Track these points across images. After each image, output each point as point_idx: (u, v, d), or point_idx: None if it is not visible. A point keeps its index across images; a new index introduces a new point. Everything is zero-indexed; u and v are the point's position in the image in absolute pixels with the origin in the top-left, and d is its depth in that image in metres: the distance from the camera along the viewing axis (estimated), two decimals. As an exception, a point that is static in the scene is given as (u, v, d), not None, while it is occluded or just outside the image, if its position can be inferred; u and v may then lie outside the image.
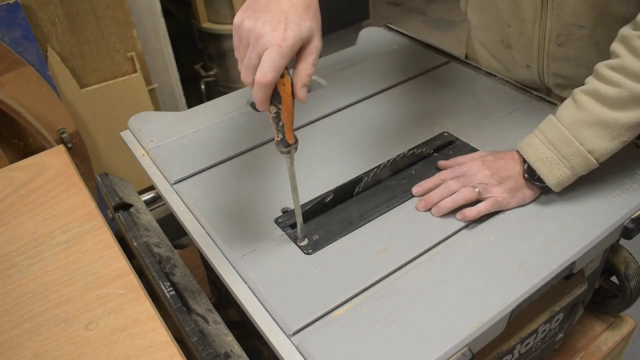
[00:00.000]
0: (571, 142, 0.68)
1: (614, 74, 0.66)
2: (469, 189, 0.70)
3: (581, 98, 0.68)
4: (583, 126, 0.68)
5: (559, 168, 0.69)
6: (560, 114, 0.70)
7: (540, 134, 0.71)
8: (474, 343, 0.57)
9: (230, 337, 0.64)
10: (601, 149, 0.68)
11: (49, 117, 1.58)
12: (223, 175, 0.79)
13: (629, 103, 0.65)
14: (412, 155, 0.80)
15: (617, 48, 0.67)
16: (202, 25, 2.22)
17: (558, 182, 0.70)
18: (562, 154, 0.69)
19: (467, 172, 0.72)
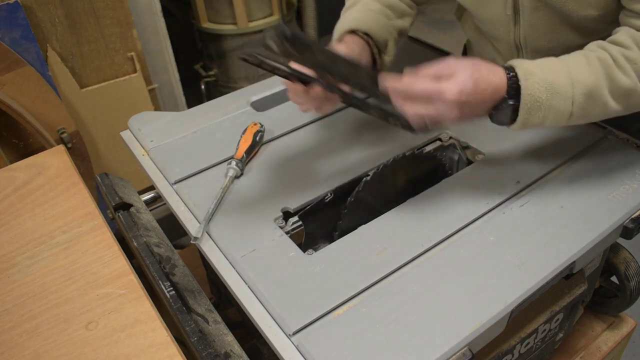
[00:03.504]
0: (568, 99, 0.65)
1: (626, 63, 0.66)
2: (420, 121, 0.65)
3: (594, 63, 0.66)
4: (584, 91, 0.65)
5: (537, 114, 0.65)
6: (574, 66, 0.66)
7: (546, 71, 0.65)
8: (474, 343, 0.57)
9: (230, 337, 0.64)
10: (576, 120, 0.67)
11: (49, 117, 1.58)
12: (223, 175, 0.79)
13: (624, 96, 0.66)
14: (412, 155, 0.80)
15: (626, 39, 0.67)
16: (202, 25, 2.22)
17: (523, 126, 0.66)
18: (552, 103, 0.65)
19: (439, 104, 0.63)
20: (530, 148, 0.81)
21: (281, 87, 1.01)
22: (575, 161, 0.78)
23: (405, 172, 0.80)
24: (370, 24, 0.82)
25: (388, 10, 0.88)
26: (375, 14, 0.85)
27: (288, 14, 2.26)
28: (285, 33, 0.63)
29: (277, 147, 0.86)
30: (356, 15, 0.84)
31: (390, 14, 0.88)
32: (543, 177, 0.76)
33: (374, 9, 0.86)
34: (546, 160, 0.78)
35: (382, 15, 0.86)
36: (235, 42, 2.21)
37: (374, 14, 0.85)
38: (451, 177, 0.78)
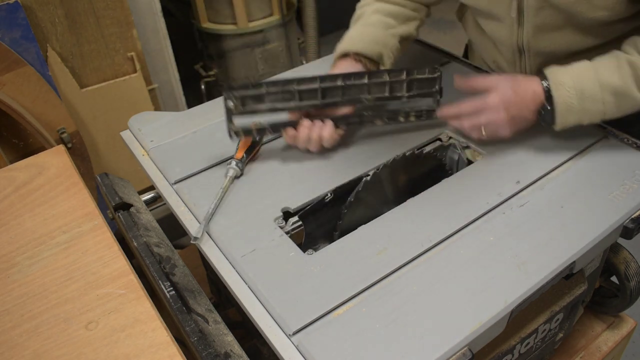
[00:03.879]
0: (599, 101, 0.72)
1: None
2: (478, 131, 0.78)
3: (624, 65, 0.72)
4: (613, 91, 0.72)
5: (573, 116, 0.74)
6: (601, 70, 0.73)
7: (575, 79, 0.73)
8: (474, 343, 0.57)
9: (230, 337, 0.64)
10: (611, 114, 0.74)
11: (49, 117, 1.58)
12: (223, 175, 0.79)
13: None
14: (412, 155, 0.80)
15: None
16: (202, 25, 2.21)
17: (564, 126, 0.75)
18: (584, 106, 0.73)
19: (487, 111, 0.76)
20: (530, 148, 0.81)
21: (281, 87, 1.01)
22: (575, 161, 0.78)
23: (405, 172, 0.80)
24: (362, 43, 0.85)
25: (389, 19, 0.90)
26: (372, 29, 0.88)
27: (288, 14, 2.26)
28: (231, 86, 0.75)
29: (278, 147, 0.86)
30: (351, 34, 0.88)
31: (391, 22, 0.90)
32: (543, 177, 0.76)
33: (372, 23, 0.89)
34: (546, 160, 0.78)
35: (380, 28, 0.88)
36: (235, 42, 2.21)
37: (370, 29, 0.87)
38: (451, 177, 0.78)
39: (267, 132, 0.78)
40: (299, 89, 0.78)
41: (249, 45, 2.22)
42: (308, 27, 2.31)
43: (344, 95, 0.79)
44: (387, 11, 0.90)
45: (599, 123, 0.84)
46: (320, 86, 0.78)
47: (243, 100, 0.76)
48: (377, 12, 0.90)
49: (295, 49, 2.40)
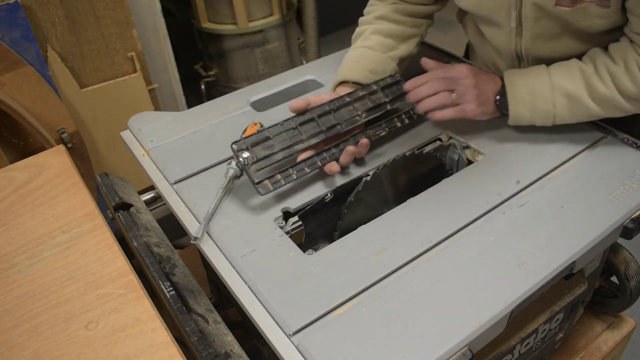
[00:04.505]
0: (548, 101, 0.78)
1: (607, 76, 0.74)
2: (447, 94, 0.80)
3: (575, 73, 0.77)
4: (564, 94, 0.77)
5: (524, 111, 0.79)
6: (554, 73, 0.78)
7: (528, 77, 0.79)
8: (474, 343, 0.57)
9: (230, 337, 0.64)
10: (564, 118, 0.79)
11: (49, 117, 1.58)
12: (223, 175, 0.79)
13: (605, 101, 0.76)
14: (412, 155, 0.80)
15: (617, 56, 0.75)
16: (202, 25, 2.21)
17: (516, 120, 0.81)
18: (534, 104, 0.78)
19: (456, 76, 0.81)
20: (530, 148, 0.81)
21: (281, 87, 1.01)
22: (575, 161, 0.78)
23: (405, 172, 0.80)
24: (360, 73, 0.87)
25: (389, 40, 0.91)
26: (370, 54, 0.89)
27: (288, 14, 2.26)
28: (235, 141, 0.75)
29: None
30: (350, 62, 0.89)
31: (391, 43, 0.91)
32: (543, 177, 0.76)
33: (371, 45, 0.90)
34: (546, 160, 0.78)
35: (379, 51, 0.90)
36: (235, 42, 2.21)
37: (369, 54, 0.89)
38: (451, 177, 0.78)
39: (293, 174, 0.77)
40: (299, 122, 0.79)
41: (249, 45, 2.22)
42: (308, 27, 2.31)
43: (337, 119, 0.81)
44: (386, 32, 0.91)
45: (598, 123, 0.84)
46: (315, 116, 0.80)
47: (253, 146, 0.75)
48: (376, 32, 0.91)
49: (295, 49, 2.40)
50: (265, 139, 0.77)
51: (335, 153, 0.79)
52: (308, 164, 0.77)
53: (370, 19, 0.93)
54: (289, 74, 1.05)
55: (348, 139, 0.81)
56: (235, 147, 0.75)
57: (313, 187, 0.77)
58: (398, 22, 0.92)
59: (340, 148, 0.79)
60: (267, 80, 1.03)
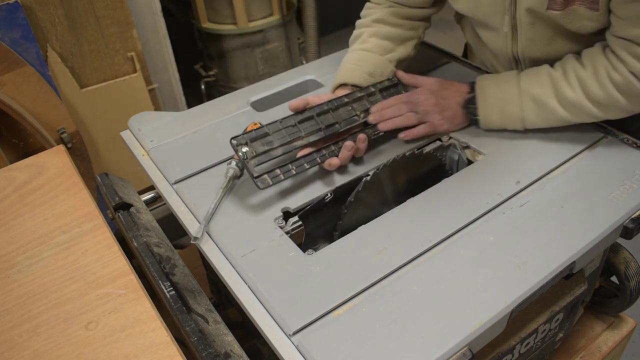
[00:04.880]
0: (517, 105, 0.80)
1: (576, 81, 0.76)
2: (412, 115, 0.84)
3: (544, 77, 0.79)
4: (532, 98, 0.79)
5: (493, 115, 0.82)
6: (523, 78, 0.80)
7: (497, 82, 0.82)
8: (474, 343, 0.57)
9: (230, 337, 0.64)
10: (533, 122, 0.81)
11: (49, 117, 1.58)
12: (223, 175, 0.79)
13: (572, 106, 0.77)
14: (412, 155, 0.80)
15: (587, 62, 0.76)
16: (202, 25, 2.21)
17: (486, 124, 0.83)
18: (504, 108, 0.81)
19: (417, 100, 0.84)
20: (530, 148, 0.81)
21: (281, 87, 1.01)
22: (575, 161, 0.78)
23: (405, 172, 0.80)
24: (359, 76, 0.88)
25: (386, 42, 0.92)
26: (368, 56, 0.90)
27: (288, 14, 2.26)
28: (235, 136, 0.75)
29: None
30: (348, 65, 0.90)
31: (389, 45, 0.92)
32: (543, 177, 0.76)
33: (369, 48, 0.91)
34: (546, 160, 0.78)
35: (377, 54, 0.90)
36: (235, 42, 2.21)
37: (367, 57, 0.90)
38: (451, 177, 0.78)
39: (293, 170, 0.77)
40: (298, 120, 0.80)
41: (249, 45, 2.22)
42: (308, 27, 2.31)
43: (336, 118, 0.82)
44: (384, 34, 0.91)
45: (598, 123, 0.84)
46: (314, 114, 0.81)
47: (253, 141, 0.76)
48: (374, 35, 0.92)
49: (295, 49, 2.40)
50: (264, 135, 0.77)
51: (335, 150, 0.79)
52: (307, 160, 0.77)
53: (367, 21, 0.93)
54: (289, 74, 1.05)
55: (347, 138, 0.81)
56: (235, 142, 0.75)
57: (313, 187, 0.77)
58: (395, 24, 0.92)
59: (339, 146, 0.79)
60: (267, 80, 1.03)
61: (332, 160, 0.77)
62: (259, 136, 0.77)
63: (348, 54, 0.92)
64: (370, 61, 0.89)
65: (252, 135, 0.76)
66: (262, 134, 0.77)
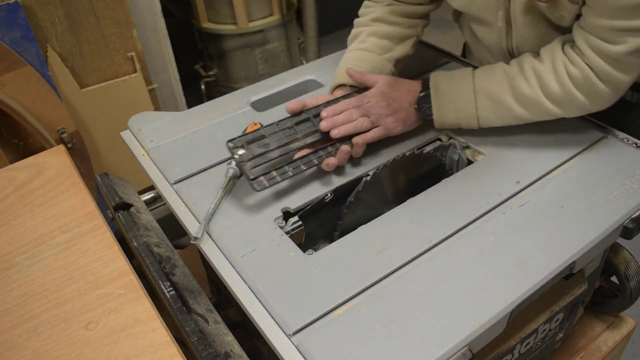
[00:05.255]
0: (471, 102, 0.79)
1: (533, 76, 0.75)
2: (365, 119, 0.80)
3: (499, 74, 0.78)
4: (487, 96, 0.78)
5: (448, 113, 0.81)
6: (477, 75, 0.80)
7: (451, 79, 0.81)
8: (474, 343, 0.57)
9: (230, 337, 0.64)
10: (488, 120, 0.80)
11: (49, 117, 1.58)
12: (223, 175, 0.79)
13: (529, 103, 0.76)
14: (412, 155, 0.80)
15: (545, 56, 0.75)
16: (202, 25, 2.21)
17: (441, 122, 0.82)
18: (458, 105, 0.80)
19: (368, 104, 0.82)
20: (530, 148, 0.81)
21: (281, 87, 1.01)
22: (575, 161, 0.78)
23: (405, 172, 0.80)
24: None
25: (385, 42, 0.91)
26: (367, 55, 0.90)
27: (288, 14, 2.26)
28: (231, 139, 0.76)
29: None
30: (347, 65, 0.89)
31: (387, 45, 0.91)
32: (543, 177, 0.76)
33: (368, 48, 0.90)
34: (546, 160, 0.78)
35: (375, 53, 0.90)
36: (235, 42, 2.21)
37: (365, 56, 0.90)
38: (451, 177, 0.78)
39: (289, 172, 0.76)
40: (295, 121, 0.80)
41: (249, 45, 2.22)
42: (308, 27, 2.31)
43: None
44: (382, 33, 0.91)
45: (598, 123, 0.84)
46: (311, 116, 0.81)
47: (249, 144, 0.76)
48: (372, 34, 0.91)
49: (295, 49, 2.40)
50: (261, 137, 0.77)
51: (332, 152, 0.79)
52: (304, 161, 0.77)
53: (366, 20, 0.93)
54: (289, 74, 1.05)
55: (344, 139, 0.81)
56: (231, 145, 0.75)
57: (313, 187, 0.77)
58: (394, 23, 0.92)
59: (336, 147, 0.79)
60: (267, 80, 1.03)
61: (330, 160, 0.77)
62: (256, 138, 0.77)
63: (346, 54, 0.92)
64: (369, 61, 0.89)
65: (248, 138, 0.76)
66: (258, 136, 0.77)
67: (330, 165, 0.77)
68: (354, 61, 0.89)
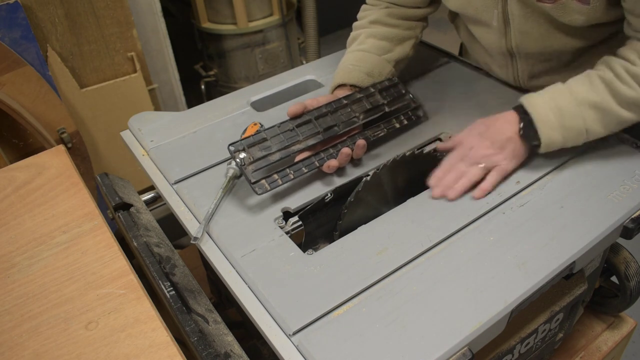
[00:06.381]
0: (577, 116, 0.72)
1: (630, 78, 0.70)
2: (476, 167, 0.74)
3: (596, 82, 0.72)
4: (591, 106, 0.72)
5: (555, 133, 0.73)
6: (574, 87, 0.73)
7: (548, 97, 0.73)
8: (474, 343, 0.57)
9: (230, 337, 0.64)
10: (595, 132, 0.73)
11: (49, 117, 1.58)
12: (223, 175, 0.79)
13: (635, 106, 0.71)
14: (412, 155, 0.80)
15: (632, 56, 0.72)
16: (202, 25, 2.22)
17: (549, 144, 0.74)
18: (564, 122, 0.72)
19: (471, 150, 0.76)
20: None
21: (281, 87, 1.01)
22: (575, 161, 0.78)
23: (405, 172, 0.80)
24: (357, 76, 0.88)
25: (384, 43, 0.91)
26: (367, 56, 0.89)
27: (288, 14, 2.26)
28: (232, 142, 0.75)
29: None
30: (346, 65, 0.89)
31: (386, 46, 0.91)
32: (543, 177, 0.76)
33: (367, 49, 0.90)
34: (546, 160, 0.78)
35: (375, 54, 0.90)
36: (235, 42, 2.21)
37: (365, 57, 0.89)
38: (451, 177, 0.77)
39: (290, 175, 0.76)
40: (296, 123, 0.80)
41: (249, 45, 2.22)
42: (308, 27, 2.31)
43: (335, 120, 0.82)
44: (381, 35, 0.91)
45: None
46: (312, 117, 0.81)
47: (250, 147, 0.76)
48: (371, 36, 0.91)
49: (295, 49, 2.40)
50: (262, 140, 0.77)
51: (333, 154, 0.79)
52: (305, 164, 0.77)
53: (364, 23, 0.93)
54: (289, 74, 1.05)
55: (346, 140, 0.81)
56: (232, 149, 0.75)
57: (313, 187, 0.77)
58: (392, 25, 0.92)
59: (337, 149, 0.79)
60: (267, 80, 1.03)
61: (331, 162, 0.77)
62: (257, 141, 0.77)
63: (346, 55, 0.92)
64: (368, 61, 0.89)
65: (249, 141, 0.76)
66: (259, 139, 0.77)
67: (332, 167, 0.77)
68: (354, 61, 0.89)
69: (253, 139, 0.77)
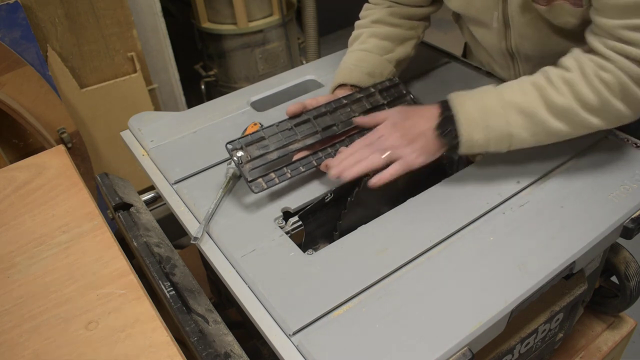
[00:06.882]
0: (502, 116, 0.70)
1: (563, 86, 0.68)
2: (377, 156, 0.73)
3: (528, 87, 0.70)
4: (518, 110, 0.69)
5: (477, 133, 0.70)
6: (504, 90, 0.71)
7: (477, 96, 0.72)
8: (474, 343, 0.57)
9: (230, 337, 0.64)
10: (520, 138, 0.71)
11: (49, 117, 1.58)
12: (223, 175, 0.79)
13: (563, 115, 0.68)
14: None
15: (570, 64, 0.69)
16: (202, 25, 2.21)
17: (469, 146, 0.71)
18: (488, 123, 0.70)
19: (380, 138, 0.75)
20: (530, 148, 0.80)
21: (281, 87, 1.01)
22: (575, 161, 0.78)
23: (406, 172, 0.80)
24: (358, 76, 0.87)
25: (386, 43, 0.91)
26: (368, 56, 0.89)
27: (288, 14, 2.26)
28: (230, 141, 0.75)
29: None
30: (347, 64, 0.89)
31: (388, 46, 0.91)
32: (543, 177, 0.76)
33: (369, 48, 0.90)
34: (546, 160, 0.78)
35: (376, 54, 0.89)
36: (235, 42, 2.21)
37: (366, 57, 0.89)
38: (451, 177, 0.77)
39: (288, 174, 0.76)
40: (295, 123, 0.80)
41: (249, 45, 2.22)
42: (308, 27, 2.31)
43: (334, 119, 0.82)
44: (383, 34, 0.91)
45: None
46: (311, 117, 0.81)
47: (248, 146, 0.76)
48: (373, 35, 0.91)
49: (295, 49, 2.40)
50: (260, 139, 0.77)
51: (331, 153, 0.79)
52: (303, 163, 0.77)
53: (366, 22, 0.93)
54: (289, 74, 1.05)
55: (344, 140, 0.81)
56: (230, 147, 0.75)
57: (313, 187, 0.77)
58: (395, 25, 0.92)
59: (336, 148, 0.79)
60: (267, 80, 1.03)
61: (329, 161, 0.77)
62: (255, 140, 0.77)
63: (347, 55, 0.92)
64: (370, 61, 0.89)
65: (247, 140, 0.76)
66: (257, 138, 0.77)
67: (329, 167, 0.77)
68: (355, 61, 0.89)
69: (251, 138, 0.77)
